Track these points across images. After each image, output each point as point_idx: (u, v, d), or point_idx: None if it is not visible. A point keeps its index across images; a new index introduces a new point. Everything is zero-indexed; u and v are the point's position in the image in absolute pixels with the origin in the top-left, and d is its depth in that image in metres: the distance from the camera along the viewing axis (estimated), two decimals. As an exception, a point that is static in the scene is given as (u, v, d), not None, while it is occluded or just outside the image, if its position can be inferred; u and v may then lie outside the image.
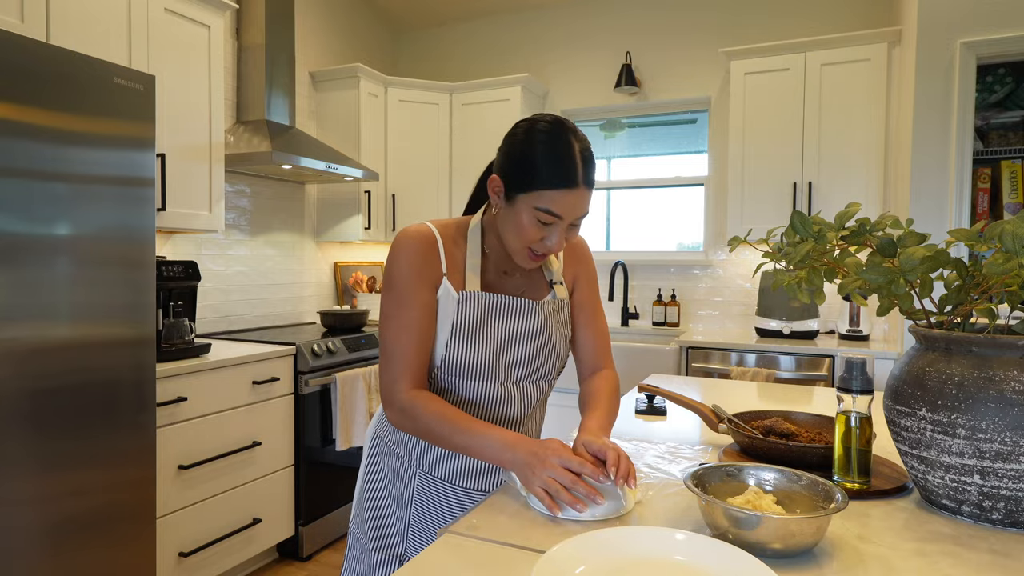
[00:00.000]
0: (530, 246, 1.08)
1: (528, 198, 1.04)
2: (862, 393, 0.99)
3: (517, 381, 1.17)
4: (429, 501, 1.18)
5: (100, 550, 1.91)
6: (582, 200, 1.04)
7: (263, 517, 2.62)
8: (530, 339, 1.16)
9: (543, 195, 1.02)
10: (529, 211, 1.04)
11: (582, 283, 1.28)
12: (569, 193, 1.02)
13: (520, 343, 1.15)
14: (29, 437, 1.73)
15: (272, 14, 3.17)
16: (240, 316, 3.28)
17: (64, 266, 1.80)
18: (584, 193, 1.04)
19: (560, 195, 1.02)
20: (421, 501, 1.19)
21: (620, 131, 4.00)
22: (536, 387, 1.20)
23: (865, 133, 3.04)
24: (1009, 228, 0.84)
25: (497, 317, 1.14)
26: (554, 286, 1.23)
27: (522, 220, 1.05)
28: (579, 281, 1.28)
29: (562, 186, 1.02)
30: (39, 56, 1.73)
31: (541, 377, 1.20)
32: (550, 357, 1.19)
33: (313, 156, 3.01)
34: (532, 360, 1.17)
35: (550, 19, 4.04)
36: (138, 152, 1.99)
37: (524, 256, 1.10)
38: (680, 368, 3.13)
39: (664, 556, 0.76)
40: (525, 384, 1.18)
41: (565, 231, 1.07)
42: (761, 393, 1.82)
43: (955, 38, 2.63)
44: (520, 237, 1.07)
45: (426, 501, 1.18)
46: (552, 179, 1.02)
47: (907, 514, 0.93)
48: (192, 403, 2.29)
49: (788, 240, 1.05)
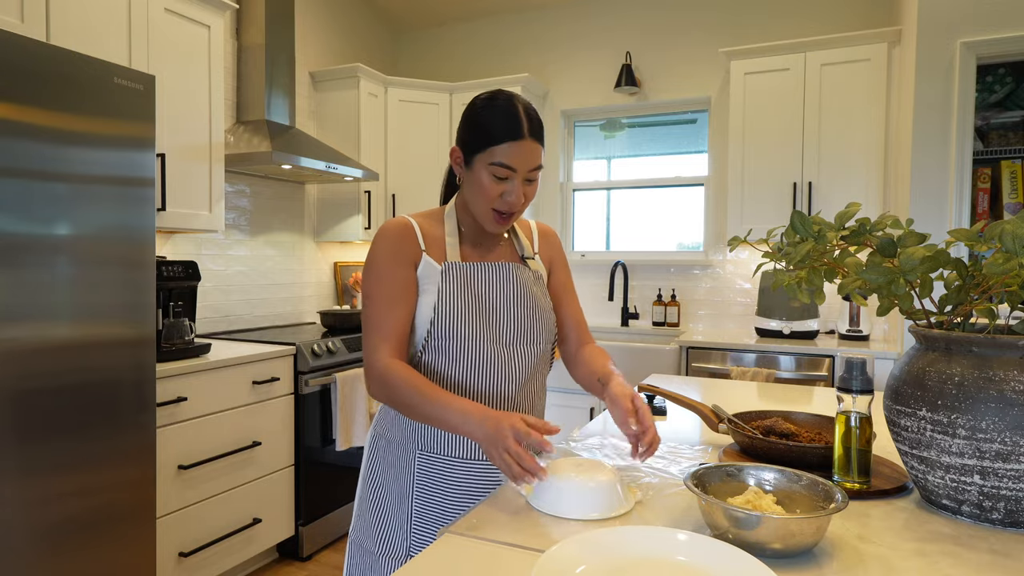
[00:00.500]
0: (494, 207, 1.16)
1: (483, 157, 1.14)
2: (862, 393, 0.99)
3: (507, 344, 1.21)
4: (430, 482, 1.19)
5: (100, 550, 1.91)
6: (531, 152, 1.14)
7: (263, 517, 2.62)
8: (513, 300, 1.23)
9: (495, 151, 1.13)
10: (486, 169, 1.14)
11: (558, 267, 1.36)
12: (517, 145, 1.13)
13: (504, 303, 1.22)
14: (29, 437, 1.73)
15: (272, 14, 3.17)
16: (240, 316, 3.28)
17: (64, 266, 1.80)
18: (532, 145, 1.14)
19: (509, 148, 1.12)
20: (422, 485, 1.19)
21: (620, 131, 4.00)
22: (526, 352, 1.23)
23: (865, 133, 3.04)
24: (1009, 228, 0.84)
25: (480, 281, 1.21)
26: (527, 260, 1.30)
27: (482, 180, 1.15)
28: (555, 265, 1.36)
29: (510, 139, 1.12)
30: (39, 56, 1.73)
31: (530, 341, 1.24)
32: (536, 320, 1.24)
33: (313, 156, 3.01)
34: (518, 321, 1.22)
35: (550, 19, 4.04)
36: (138, 152, 1.99)
37: (491, 219, 1.18)
38: (680, 368, 3.13)
39: (664, 556, 0.76)
40: (516, 347, 1.22)
41: (522, 185, 1.15)
42: (761, 393, 1.82)
43: (955, 38, 2.63)
44: (483, 197, 1.16)
45: (427, 483, 1.19)
46: (501, 135, 1.13)
47: (907, 514, 0.93)
48: (192, 403, 2.29)
49: (788, 240, 1.05)
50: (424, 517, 1.19)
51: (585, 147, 4.09)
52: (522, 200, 1.17)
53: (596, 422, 1.49)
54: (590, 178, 4.08)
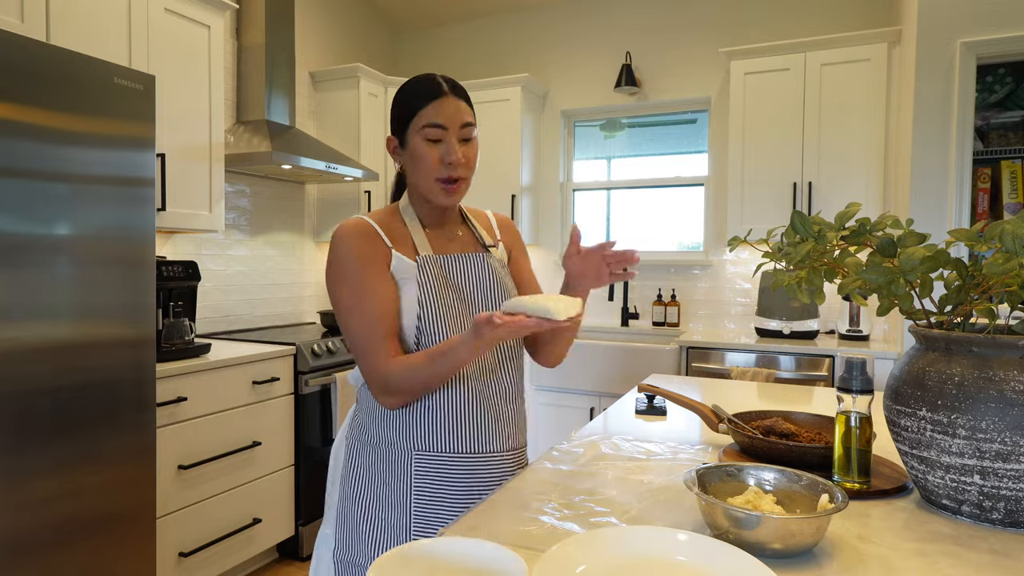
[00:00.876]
0: (436, 175, 1.16)
1: (413, 125, 1.16)
2: (862, 393, 0.99)
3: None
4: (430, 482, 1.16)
5: (100, 550, 1.91)
6: (456, 107, 1.16)
7: (263, 517, 2.62)
8: (489, 288, 1.23)
9: (421, 114, 1.15)
10: (419, 137, 1.15)
11: (518, 253, 1.37)
12: (440, 102, 1.15)
13: (481, 292, 1.23)
14: (29, 437, 1.73)
15: (272, 14, 3.17)
16: (240, 316, 3.28)
17: (64, 266, 1.80)
18: (455, 101, 1.16)
19: (434, 107, 1.14)
20: (422, 486, 1.16)
21: (620, 131, 4.00)
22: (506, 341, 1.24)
23: (865, 133, 3.04)
24: (1009, 228, 0.84)
25: (456, 272, 1.22)
26: (490, 249, 1.30)
27: (419, 150, 1.16)
28: (515, 251, 1.36)
29: (432, 98, 1.15)
30: (39, 56, 1.73)
31: None
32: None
33: (313, 156, 3.01)
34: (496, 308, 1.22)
35: (550, 19, 4.04)
36: (138, 152, 1.99)
37: (439, 190, 1.17)
38: (680, 368, 3.13)
39: (664, 556, 0.76)
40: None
41: (459, 144, 1.16)
42: (761, 393, 1.82)
43: (955, 38, 2.63)
44: (425, 168, 1.16)
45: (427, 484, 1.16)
46: (422, 98, 1.15)
47: (907, 514, 0.93)
48: (192, 403, 2.29)
49: (788, 240, 1.05)
50: (426, 520, 1.16)
51: (585, 147, 4.09)
52: (462, 160, 1.16)
53: (596, 422, 1.49)
54: (590, 178, 4.08)
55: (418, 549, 0.72)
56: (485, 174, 3.85)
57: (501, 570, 0.70)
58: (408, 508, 1.17)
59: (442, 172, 1.16)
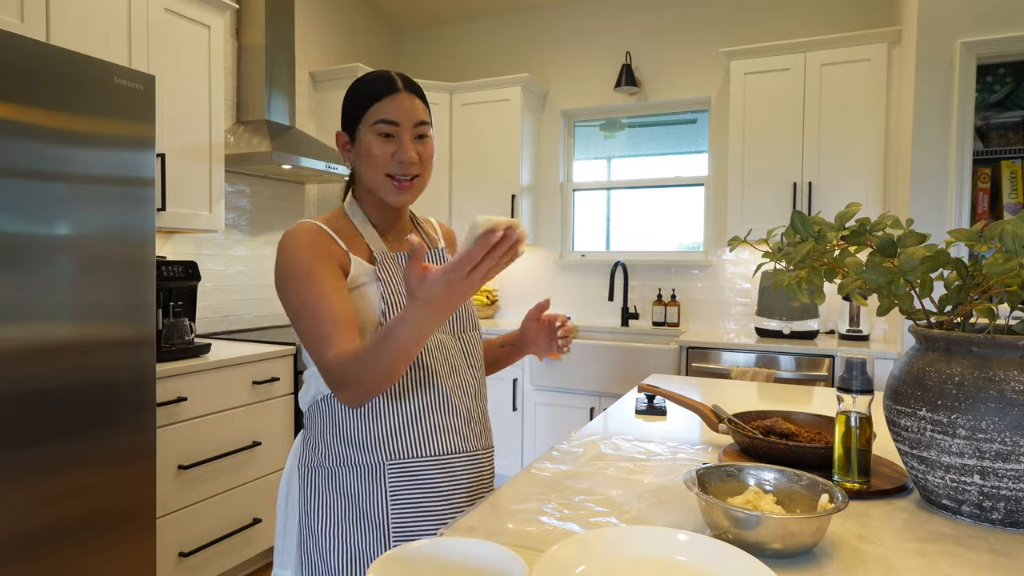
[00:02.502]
0: (387, 172, 1.12)
1: (365, 121, 1.12)
2: (862, 393, 0.99)
3: (454, 332, 1.21)
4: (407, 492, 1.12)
5: (100, 550, 1.91)
6: (410, 104, 1.12)
7: (263, 517, 2.62)
8: None
9: (373, 110, 1.11)
10: (371, 133, 1.12)
11: None
12: (394, 98, 1.11)
13: None
14: (29, 437, 1.73)
15: (272, 14, 3.17)
16: (240, 316, 3.28)
17: (64, 266, 1.80)
18: (409, 97, 1.12)
19: (386, 103, 1.11)
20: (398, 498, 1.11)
21: (620, 131, 4.00)
22: (472, 336, 1.24)
23: (865, 133, 3.04)
24: (1009, 228, 0.84)
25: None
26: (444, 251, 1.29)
27: (370, 147, 1.12)
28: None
29: (385, 94, 1.11)
30: (39, 56, 1.73)
31: (463, 328, 1.23)
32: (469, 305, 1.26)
33: (313, 156, 3.01)
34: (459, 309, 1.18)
35: (550, 19, 4.04)
36: (138, 152, 1.99)
37: (389, 187, 1.13)
38: (680, 368, 3.13)
39: (664, 556, 0.76)
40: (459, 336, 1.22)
41: (412, 142, 1.13)
42: (761, 393, 1.82)
43: (955, 38, 2.63)
44: (376, 165, 1.12)
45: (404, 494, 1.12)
46: (375, 94, 1.12)
47: (907, 514, 0.93)
48: (192, 403, 2.29)
49: (788, 240, 1.05)
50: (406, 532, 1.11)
51: (585, 147, 4.09)
52: (416, 158, 1.12)
53: (596, 422, 1.49)
54: (590, 178, 4.08)
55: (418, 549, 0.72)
56: (485, 174, 3.85)
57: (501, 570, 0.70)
58: (385, 523, 1.11)
59: (393, 168, 1.12)
